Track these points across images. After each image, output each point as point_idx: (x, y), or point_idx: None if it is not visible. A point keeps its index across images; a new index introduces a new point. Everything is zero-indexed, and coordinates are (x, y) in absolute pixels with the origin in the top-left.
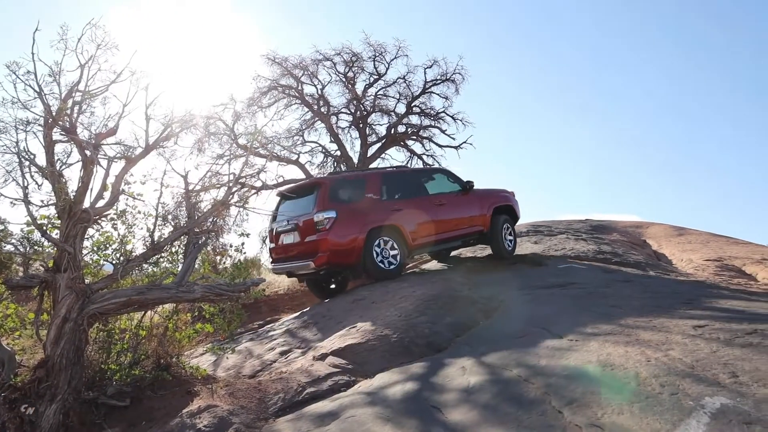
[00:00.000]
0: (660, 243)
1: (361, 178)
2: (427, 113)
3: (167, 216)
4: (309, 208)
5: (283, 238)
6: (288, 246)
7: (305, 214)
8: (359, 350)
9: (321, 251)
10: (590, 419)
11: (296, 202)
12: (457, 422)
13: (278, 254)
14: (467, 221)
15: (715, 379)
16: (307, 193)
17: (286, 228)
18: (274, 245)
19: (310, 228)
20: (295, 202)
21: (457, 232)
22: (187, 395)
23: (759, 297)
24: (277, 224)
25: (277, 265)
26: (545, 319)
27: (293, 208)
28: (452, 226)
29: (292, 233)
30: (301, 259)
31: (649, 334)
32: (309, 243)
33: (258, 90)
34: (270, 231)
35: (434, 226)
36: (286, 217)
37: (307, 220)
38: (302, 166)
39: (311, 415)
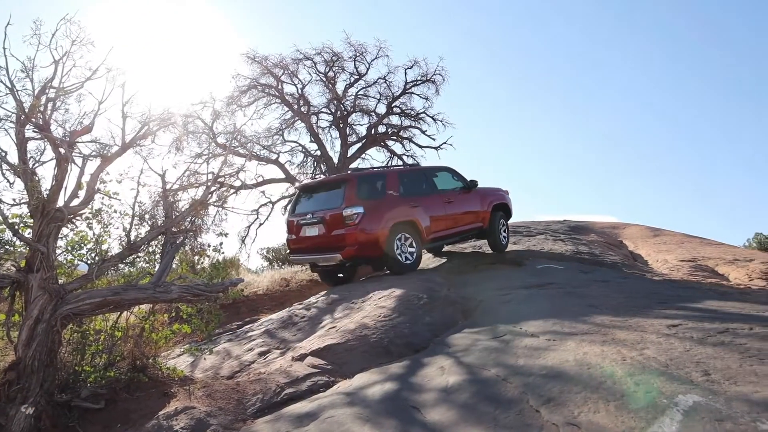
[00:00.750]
0: (636, 243)
1: (382, 175)
2: (407, 114)
3: (144, 215)
4: (336, 203)
5: (306, 231)
6: (312, 238)
7: (332, 209)
8: (338, 350)
9: (349, 245)
10: (567, 418)
11: (319, 197)
12: (435, 422)
13: (300, 246)
14: (471, 217)
15: (688, 378)
16: (332, 188)
17: (310, 221)
18: (295, 237)
19: (338, 222)
20: (318, 197)
21: (462, 228)
22: (164, 397)
23: (731, 297)
24: (300, 217)
25: (298, 256)
26: (523, 319)
27: (317, 203)
28: (459, 222)
29: (317, 226)
30: (328, 251)
31: (625, 334)
32: (336, 236)
33: (237, 89)
34: (290, 222)
35: (444, 222)
36: (309, 211)
37: (334, 214)
38: (282, 166)
39: (290, 416)
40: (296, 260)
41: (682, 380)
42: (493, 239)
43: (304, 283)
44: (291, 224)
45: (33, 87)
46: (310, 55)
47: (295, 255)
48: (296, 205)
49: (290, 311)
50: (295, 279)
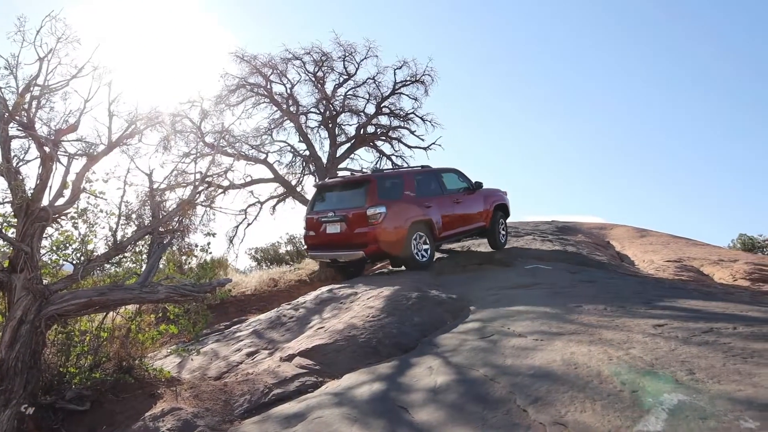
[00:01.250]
0: (623, 244)
1: (399, 176)
2: (396, 114)
3: (131, 215)
4: (358, 202)
5: (327, 228)
6: (333, 235)
7: (355, 208)
8: (327, 351)
9: (372, 242)
10: (554, 417)
11: (340, 196)
12: (423, 422)
13: (320, 242)
14: (476, 217)
15: (674, 377)
16: (353, 188)
17: (332, 219)
18: (315, 234)
19: (362, 221)
20: (339, 195)
21: (468, 227)
22: (151, 398)
23: (715, 297)
24: (320, 215)
25: (317, 252)
26: (511, 319)
27: (338, 201)
28: (465, 221)
29: (339, 224)
30: (350, 248)
31: (611, 334)
32: (359, 234)
33: (226, 88)
34: (309, 220)
35: (453, 221)
36: (331, 209)
37: (358, 213)
38: (270, 166)
39: (277, 417)
40: (315, 256)
41: (668, 379)
42: (493, 238)
43: (292, 283)
44: (310, 221)
45: (17, 84)
46: (299, 55)
47: (314, 251)
48: (315, 204)
49: (278, 311)
50: (284, 279)
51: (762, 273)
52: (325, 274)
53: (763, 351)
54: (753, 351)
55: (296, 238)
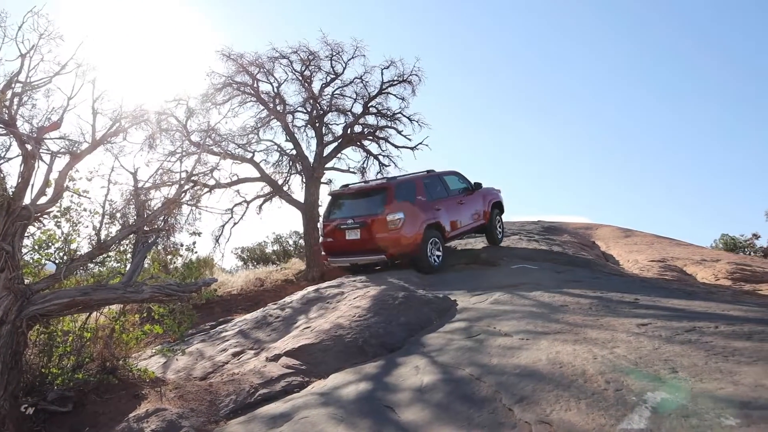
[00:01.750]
0: (608, 244)
1: (412, 182)
2: (383, 114)
3: (115, 214)
4: (377, 209)
5: (347, 235)
6: (354, 241)
7: (375, 215)
8: (313, 351)
9: (393, 246)
10: (539, 416)
11: (357, 203)
12: (409, 421)
13: (339, 248)
14: (477, 216)
15: (657, 375)
16: (370, 195)
17: (351, 226)
18: (333, 240)
19: (382, 226)
20: (356, 203)
21: (471, 226)
22: (135, 399)
23: (698, 296)
24: (339, 222)
25: (337, 257)
26: (497, 319)
27: (355, 209)
28: (468, 220)
29: (358, 230)
30: (371, 253)
31: (596, 333)
32: (381, 239)
33: (212, 86)
34: (326, 226)
35: (458, 221)
36: (349, 216)
37: (378, 219)
38: (257, 165)
39: (263, 417)
40: (336, 262)
41: (651, 378)
42: (492, 234)
43: (279, 283)
44: (328, 228)
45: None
46: (286, 54)
47: (334, 257)
48: (331, 211)
49: (265, 311)
50: (270, 279)
51: (743, 273)
52: (312, 275)
53: (743, 349)
54: (734, 349)
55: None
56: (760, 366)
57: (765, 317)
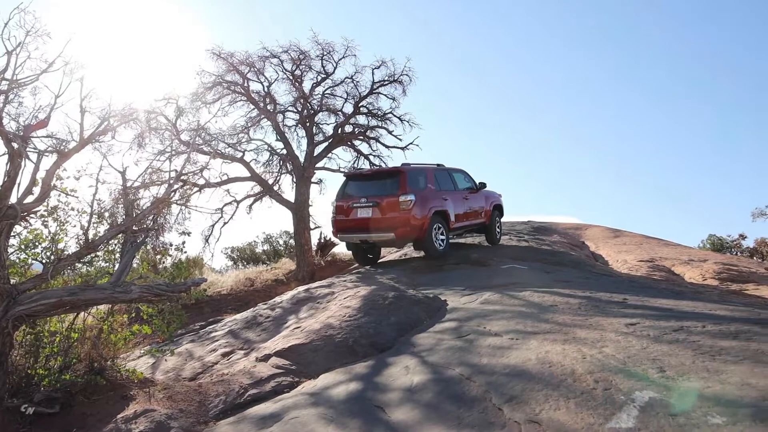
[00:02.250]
0: (597, 244)
1: (423, 170)
2: (374, 114)
3: (103, 213)
4: (390, 190)
5: (358, 213)
6: (365, 219)
7: (388, 195)
8: (303, 351)
9: (402, 225)
10: (529, 415)
11: (371, 184)
12: (399, 421)
13: (350, 225)
14: (480, 214)
15: (645, 374)
16: (385, 178)
17: (364, 204)
18: (345, 218)
19: (394, 207)
20: (370, 184)
21: (473, 222)
22: (123, 400)
23: (686, 296)
24: (351, 201)
25: (347, 234)
26: (487, 318)
27: (369, 189)
28: (471, 216)
29: (371, 209)
30: (382, 230)
31: (585, 332)
32: (391, 218)
33: (202, 85)
34: (339, 205)
35: (463, 215)
36: (362, 196)
37: (390, 200)
38: (247, 164)
39: (253, 418)
40: (344, 238)
41: (639, 377)
42: (491, 234)
43: (269, 282)
44: (340, 207)
45: None
46: (276, 53)
47: (343, 233)
48: (345, 191)
49: (255, 311)
50: (260, 279)
51: (730, 273)
52: (302, 274)
53: (730, 348)
54: (721, 348)
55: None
56: (746, 365)
57: (751, 317)
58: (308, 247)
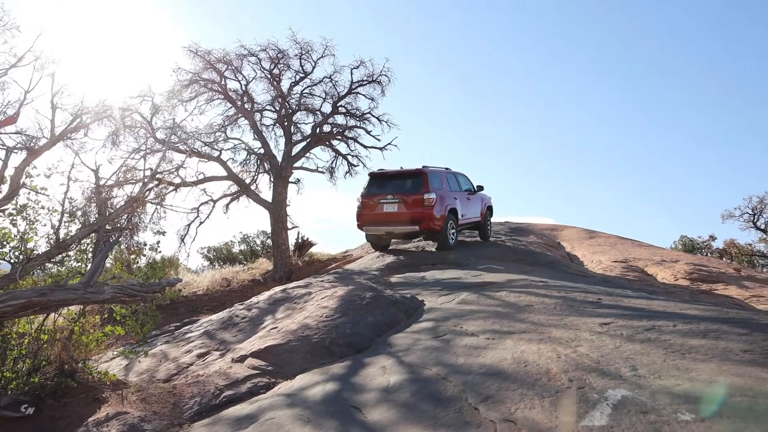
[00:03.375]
0: (573, 245)
1: (439, 172)
2: (352, 114)
3: (75, 212)
4: (414, 189)
5: (384, 207)
6: (390, 213)
7: (413, 193)
8: (280, 351)
9: (426, 220)
10: (504, 414)
11: (395, 183)
12: (376, 422)
13: (375, 219)
14: (477, 213)
15: (618, 373)
16: (407, 177)
17: (390, 201)
18: (371, 212)
19: (418, 203)
20: (394, 183)
21: (472, 221)
22: (95, 402)
23: (658, 296)
24: (378, 197)
25: (372, 226)
26: (463, 319)
27: (394, 187)
28: (472, 215)
29: (396, 205)
30: (406, 224)
31: (560, 332)
32: (415, 213)
33: (178, 83)
34: (365, 200)
35: (466, 213)
36: (389, 193)
37: (415, 198)
38: (224, 163)
39: (228, 419)
40: (370, 230)
41: (612, 375)
42: (484, 231)
43: (245, 283)
44: (366, 202)
45: None
46: (254, 52)
47: (369, 226)
48: (370, 188)
49: (231, 311)
50: (237, 279)
51: (701, 273)
52: (279, 275)
53: (699, 347)
54: (691, 347)
55: (250, 238)
56: (715, 363)
57: (719, 316)
58: (285, 247)
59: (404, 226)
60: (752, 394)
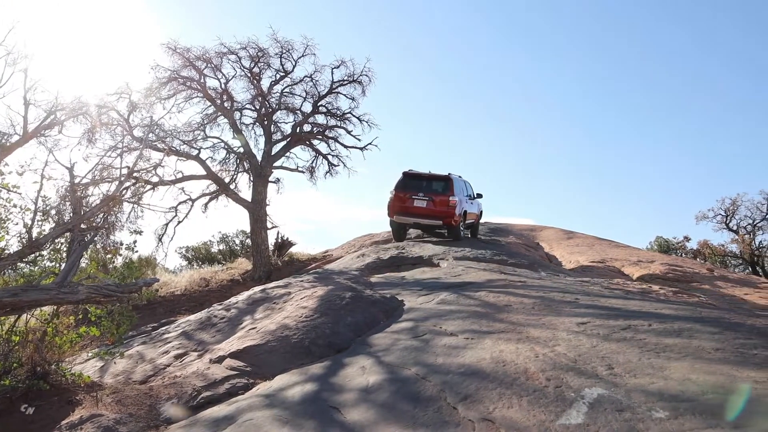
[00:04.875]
0: (551, 245)
1: (459, 179)
2: (333, 113)
3: (49, 211)
4: (442, 190)
5: (415, 202)
6: (420, 208)
7: (441, 194)
8: (258, 352)
9: (448, 216)
10: (482, 414)
11: (425, 183)
12: (355, 422)
13: (406, 210)
14: (474, 215)
15: (594, 372)
16: (437, 180)
17: (421, 197)
18: (402, 204)
19: (444, 202)
20: (425, 183)
21: (471, 221)
22: (68, 405)
23: (634, 296)
24: (410, 193)
25: (402, 216)
26: (443, 318)
27: (424, 187)
28: (472, 216)
29: (425, 201)
30: (433, 218)
31: (538, 332)
32: (441, 210)
33: (157, 80)
34: (398, 194)
35: (469, 215)
36: (420, 190)
37: (442, 197)
38: (203, 162)
39: (206, 420)
40: (400, 219)
41: (589, 374)
42: (475, 231)
43: (224, 283)
44: (399, 195)
45: None
46: (234, 50)
47: (400, 215)
48: (403, 183)
49: (209, 312)
50: (216, 279)
51: (675, 273)
52: (259, 275)
53: (673, 346)
54: (665, 346)
55: (229, 237)
56: (688, 361)
57: (693, 315)
58: (265, 247)
59: (430, 219)
60: (723, 391)
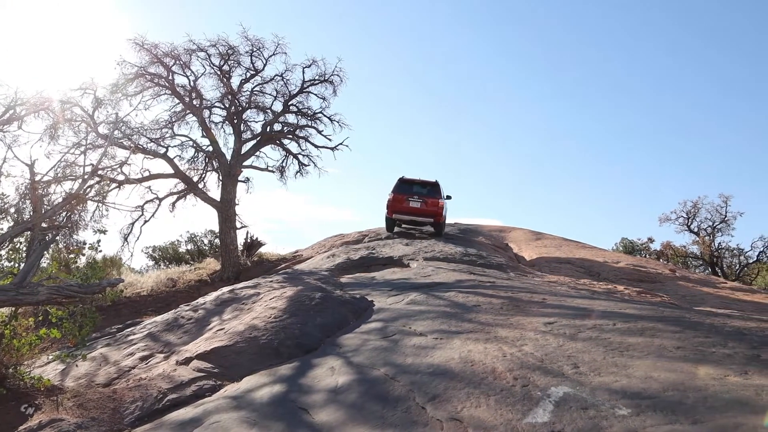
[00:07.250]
0: (520, 246)
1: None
2: (304, 113)
3: (7, 209)
4: (431, 194)
5: (410, 203)
6: (414, 207)
7: (431, 196)
8: (226, 353)
9: (437, 215)
10: (450, 413)
11: (418, 187)
12: (323, 423)
13: (403, 210)
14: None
15: (560, 371)
16: (427, 185)
17: (415, 199)
18: (400, 204)
19: (434, 203)
20: (417, 186)
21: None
22: (27, 409)
23: (600, 296)
24: (405, 194)
25: (400, 215)
26: (412, 319)
27: (416, 189)
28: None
29: (419, 201)
30: (425, 216)
31: (506, 332)
32: (432, 210)
33: (123, 76)
34: (396, 195)
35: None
36: (413, 193)
37: (432, 199)
38: (171, 161)
39: (172, 424)
40: (398, 217)
41: (555, 373)
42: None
43: (192, 283)
44: (398, 197)
45: None
46: (204, 47)
47: (398, 213)
48: (399, 187)
49: (176, 313)
50: (183, 279)
51: (640, 273)
52: (227, 275)
53: (636, 345)
54: (629, 345)
55: (197, 237)
56: (650, 359)
57: (655, 315)
58: (234, 247)
59: (423, 217)
60: (683, 388)
